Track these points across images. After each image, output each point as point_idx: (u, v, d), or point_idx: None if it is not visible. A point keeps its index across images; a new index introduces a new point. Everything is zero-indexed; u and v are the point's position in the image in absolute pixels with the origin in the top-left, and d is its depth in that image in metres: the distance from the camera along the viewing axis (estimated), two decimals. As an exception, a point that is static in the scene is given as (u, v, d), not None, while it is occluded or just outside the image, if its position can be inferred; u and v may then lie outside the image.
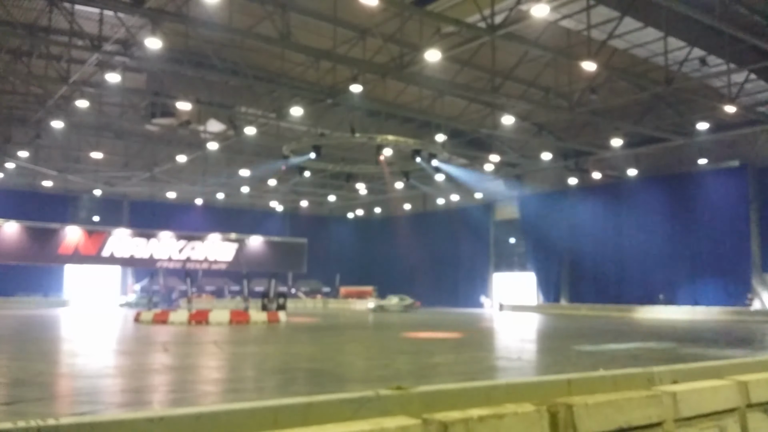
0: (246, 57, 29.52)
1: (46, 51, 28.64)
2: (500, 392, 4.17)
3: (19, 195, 46.21)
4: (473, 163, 44.17)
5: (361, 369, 13.95)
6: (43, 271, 49.46)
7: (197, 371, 13.61)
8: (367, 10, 23.97)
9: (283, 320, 30.51)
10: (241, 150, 41.00)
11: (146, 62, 27.93)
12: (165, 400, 9.89)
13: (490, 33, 22.75)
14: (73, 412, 8.71)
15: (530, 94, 31.63)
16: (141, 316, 29.94)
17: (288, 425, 3.53)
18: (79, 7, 24.31)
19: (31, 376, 11.93)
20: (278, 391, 10.43)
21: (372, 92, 30.60)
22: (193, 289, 48.62)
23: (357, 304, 53.08)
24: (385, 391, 3.93)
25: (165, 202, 52.38)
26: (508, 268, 52.89)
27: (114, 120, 36.99)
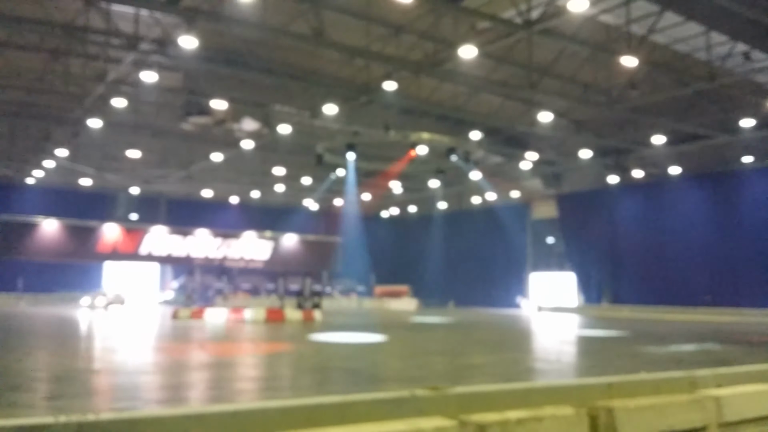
0: (280, 55, 29.65)
1: (83, 51, 29.15)
2: (539, 394, 4.10)
3: (58, 193, 47.21)
4: (509, 160, 43.76)
5: (396, 369, 13.89)
6: (83, 268, 50.50)
7: (233, 368, 13.72)
8: (401, 7, 23.88)
9: (318, 319, 30.64)
10: (276, 148, 41.27)
11: (182, 61, 28.22)
12: (202, 397, 9.97)
13: (527, 29, 22.48)
14: (112, 407, 8.83)
15: (568, 91, 31.18)
16: (178, 313, 30.36)
17: (323, 424, 3.51)
18: (116, 6, 24.68)
19: (71, 372, 12.15)
20: (313, 390, 10.44)
21: (406, 90, 30.48)
22: (230, 287, 49.34)
23: (392, 303, 53.06)
24: (421, 391, 3.88)
25: (201, 201, 53.02)
26: (546, 268, 52.33)
27: (150, 119, 37.51)
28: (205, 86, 30.61)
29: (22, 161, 42.09)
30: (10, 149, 40.75)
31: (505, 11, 23.30)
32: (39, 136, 39.11)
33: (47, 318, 30.16)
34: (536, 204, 52.63)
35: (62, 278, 48.57)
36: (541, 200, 51.59)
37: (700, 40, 25.41)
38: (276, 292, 46.90)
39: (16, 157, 41.68)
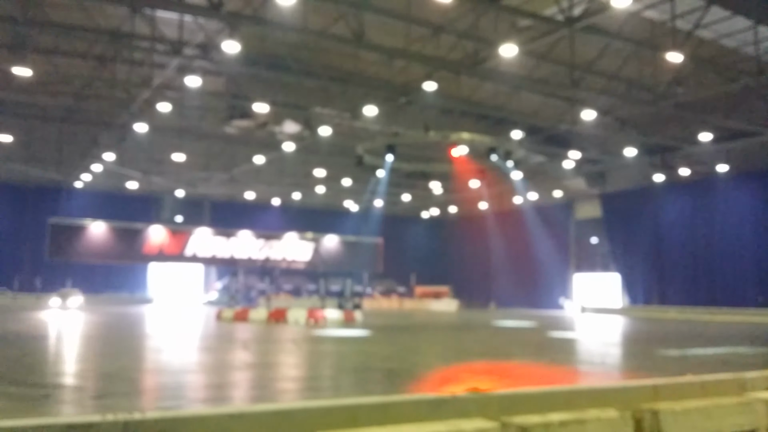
0: (320, 58, 29.88)
1: (129, 57, 29.87)
2: (582, 397, 4.04)
3: (106, 196, 48.36)
4: (552, 160, 43.24)
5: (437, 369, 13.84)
6: (130, 269, 51.63)
7: (276, 368, 13.85)
8: (440, 7, 23.83)
9: (359, 319, 30.73)
10: (316, 150, 41.61)
11: (224, 66, 28.68)
12: (245, 397, 10.10)
13: (569, 26, 22.21)
14: (157, 406, 9.00)
15: (612, 88, 30.68)
16: (222, 313, 30.79)
17: (365, 424, 3.52)
18: (160, 13, 25.23)
19: (118, 371, 12.43)
20: (355, 390, 10.47)
21: (446, 89, 30.39)
22: (272, 288, 49.87)
23: (433, 304, 52.93)
24: (462, 392, 3.86)
25: (244, 202, 53.73)
26: (590, 269, 51.54)
27: (194, 123, 38.20)
28: (247, 90, 31.02)
29: (70, 166, 43.26)
30: (59, 154, 41.95)
31: (546, 8, 23.06)
32: (87, 140, 40.20)
33: (94, 318, 30.94)
34: (579, 203, 51.88)
35: (110, 279, 49.77)
36: (584, 200, 50.83)
37: (748, 35, 24.75)
38: (317, 293, 47.22)
39: (65, 162, 42.86)
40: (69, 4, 24.83)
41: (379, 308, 49.88)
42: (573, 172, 45.52)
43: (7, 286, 44.27)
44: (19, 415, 7.28)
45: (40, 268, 45.63)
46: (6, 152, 41.06)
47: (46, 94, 33.46)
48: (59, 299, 40.66)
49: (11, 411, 8.01)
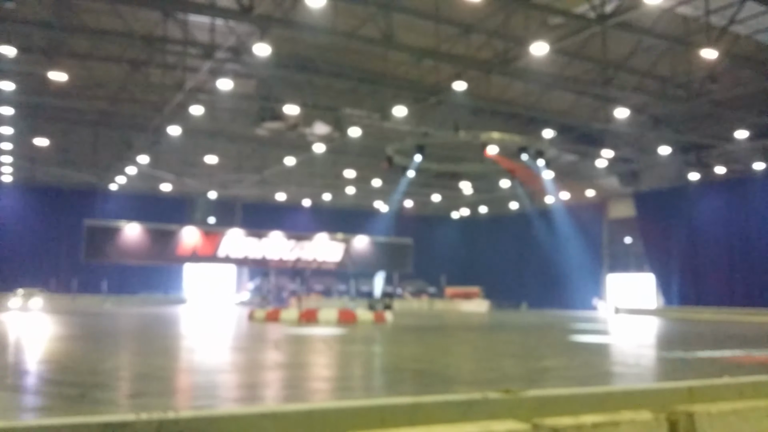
0: (350, 59, 29.98)
1: (162, 60, 30.34)
2: (615, 398, 4.00)
3: (140, 198, 49.12)
4: (584, 159, 42.77)
5: (468, 371, 13.80)
6: (164, 270, 52.38)
7: (307, 369, 13.92)
8: (470, 6, 23.74)
9: (390, 320, 30.77)
10: (346, 151, 41.76)
11: (255, 68, 28.96)
12: (277, 396, 10.17)
13: (600, 23, 21.94)
14: (191, 405, 9.12)
15: (645, 85, 30.25)
16: (254, 313, 31.07)
17: (395, 425, 3.52)
18: (192, 17, 25.57)
19: (153, 371, 12.61)
20: (385, 391, 10.49)
21: (476, 89, 30.26)
22: (303, 288, 50.18)
23: (463, 304, 52.74)
24: (493, 393, 3.85)
25: (275, 204, 54.15)
26: (623, 269, 50.84)
27: (226, 125, 38.63)
28: (277, 92, 31.27)
29: (105, 168, 44.05)
30: (95, 157, 42.76)
31: (578, 6, 22.82)
32: (121, 143, 40.89)
33: (131, 318, 31.45)
34: (612, 203, 51.23)
35: (144, 280, 50.55)
36: (617, 199, 50.18)
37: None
38: (348, 294, 47.41)
39: (100, 165, 43.67)
40: (103, 9, 25.29)
41: (410, 309, 49.83)
42: (606, 171, 44.97)
43: (44, 287, 45.23)
44: (56, 413, 7.44)
45: (76, 269, 46.51)
46: (43, 156, 41.97)
47: (81, 98, 34.13)
48: (19, 300, 38.67)
49: (48, 410, 8.18)
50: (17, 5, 21.90)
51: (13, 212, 46.54)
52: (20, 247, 45.39)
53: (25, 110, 36.14)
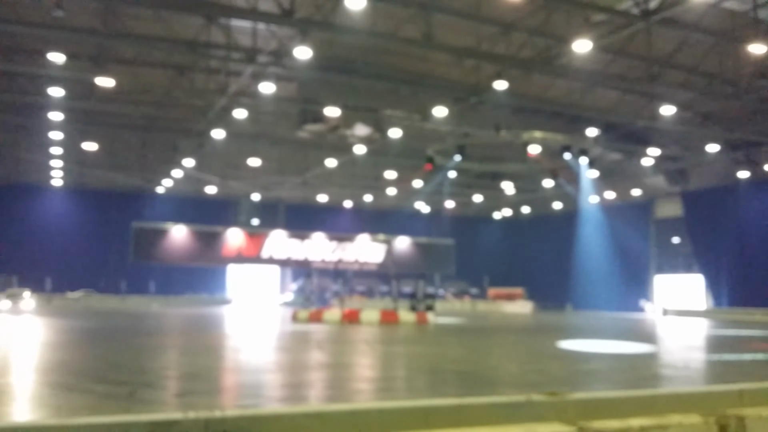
0: (390, 60, 30.01)
1: (206, 65, 30.86)
2: (664, 402, 3.92)
3: (186, 201, 50.03)
4: (629, 157, 41.98)
5: (512, 373, 13.68)
6: (209, 271, 53.25)
7: (350, 369, 13.98)
8: (511, 4, 23.54)
9: (432, 321, 30.71)
10: (387, 152, 41.84)
11: (297, 71, 29.22)
12: (320, 396, 10.25)
13: (645, 19, 21.53)
14: (237, 404, 9.25)
15: (692, 82, 29.55)
16: (297, 314, 31.34)
17: (439, 426, 3.51)
18: (235, 22, 25.94)
19: (199, 370, 12.83)
20: (428, 392, 10.47)
21: (517, 88, 29.98)
22: (345, 289, 50.44)
23: (506, 306, 52.30)
24: (538, 396, 3.81)
25: (317, 205, 54.55)
26: (671, 270, 49.73)
27: (269, 128, 39.07)
28: (318, 94, 31.48)
29: (152, 171, 44.98)
30: (142, 161, 43.75)
31: (621, 2, 22.42)
32: (167, 147, 41.74)
33: (177, 319, 32.06)
34: (659, 202, 50.15)
35: (190, 281, 51.48)
36: (664, 198, 49.10)
37: (840, 22, 23.35)
38: (389, 295, 47.45)
39: (147, 168, 44.62)
40: (148, 15, 25.84)
41: (452, 310, 49.62)
42: (652, 169, 44.06)
43: (93, 288, 46.39)
44: (105, 412, 7.63)
45: (124, 270, 47.60)
46: (92, 160, 43.08)
47: (128, 104, 34.93)
48: (8, 301, 38.33)
49: (98, 408, 8.39)
50: (66, 13, 22.52)
51: (63, 215, 47.87)
52: (71, 249, 46.62)
53: (74, 116, 37.15)
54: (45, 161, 42.85)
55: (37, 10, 23.87)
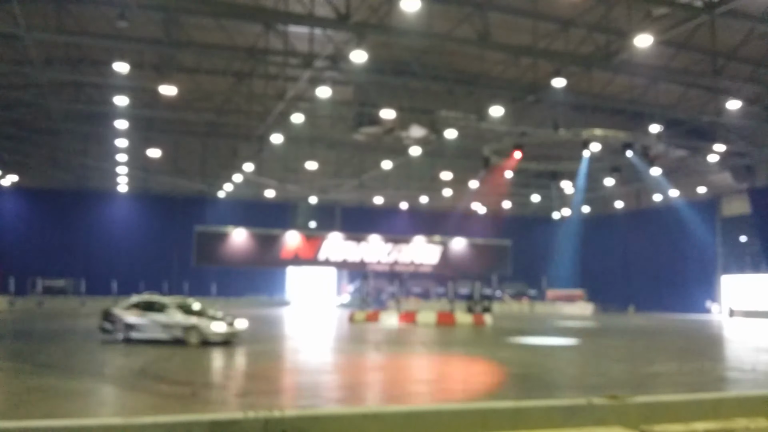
0: (445, 61, 29.91)
1: (264, 71, 31.41)
2: (729, 405, 3.80)
3: (245, 204, 50.93)
4: (694, 154, 40.67)
5: (572, 376, 13.44)
6: (268, 273, 54.09)
7: (407, 370, 13.99)
8: (568, 1, 23.15)
9: (489, 323, 30.44)
10: (443, 153, 41.66)
11: (352, 75, 29.44)
12: (377, 397, 10.29)
13: (709, 11, 20.85)
14: (296, 404, 9.38)
15: (759, 75, 28.43)
16: (354, 315, 31.53)
17: (496, 428, 3.49)
18: (292, 28, 26.33)
19: (259, 371, 13.06)
20: (485, 394, 10.38)
21: (576, 85, 29.44)
22: (401, 291, 50.51)
23: (566, 307, 51.37)
24: (598, 399, 3.74)
25: (372, 207, 54.74)
26: (739, 270, 47.90)
27: (325, 131, 39.49)
28: (374, 97, 31.63)
29: (213, 176, 46.01)
30: (203, 166, 44.83)
31: (683, -5, 21.77)
32: (228, 152, 42.68)
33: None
34: (726, 200, 48.37)
35: (250, 283, 52.38)
36: (731, 195, 47.34)
37: None
38: (446, 296, 47.27)
39: (208, 173, 45.67)
40: (209, 24, 26.48)
41: (510, 311, 49.06)
42: (718, 166, 42.56)
43: (158, 291, 47.75)
44: (169, 411, 7.84)
45: (187, 273, 48.78)
46: (155, 166, 44.38)
47: (190, 111, 35.85)
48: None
49: (162, 408, 8.64)
50: (130, 24, 23.30)
51: (128, 220, 49.38)
52: (136, 253, 48.02)
53: (138, 123, 38.41)
54: (111, 168, 44.37)
55: (102, 22, 24.77)
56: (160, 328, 17.91)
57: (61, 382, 11.05)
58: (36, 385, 10.52)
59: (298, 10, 23.10)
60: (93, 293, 43.65)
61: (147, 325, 18.00)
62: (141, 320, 18.05)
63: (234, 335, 18.21)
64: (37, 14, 24.01)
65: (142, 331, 18.01)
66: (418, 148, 36.53)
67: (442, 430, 3.48)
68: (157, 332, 17.93)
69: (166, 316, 18.01)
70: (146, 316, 18.09)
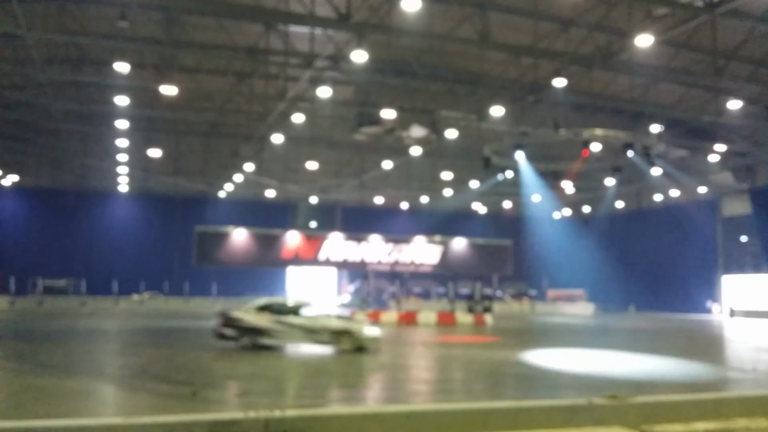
0: (446, 61, 29.91)
1: (265, 71, 31.42)
2: (730, 405, 3.80)
3: (246, 204, 50.93)
4: (695, 154, 40.64)
5: (572, 375, 13.43)
6: (268, 273, 54.07)
7: (408, 370, 13.99)
8: (569, 1, 23.15)
9: (489, 323, 30.43)
10: (443, 153, 41.64)
11: (353, 75, 29.45)
12: (378, 397, 10.28)
13: (709, 11, 20.84)
14: (296, 405, 9.37)
15: (759, 75, 28.43)
16: (355, 315, 31.52)
17: (497, 428, 3.48)
18: (292, 28, 26.34)
19: (260, 371, 13.05)
20: (486, 394, 10.37)
21: (577, 85, 29.44)
22: (402, 291, 50.50)
23: (566, 307, 51.35)
24: (599, 399, 3.74)
25: (373, 207, 54.74)
26: (739, 270, 47.87)
27: (326, 131, 39.50)
28: (374, 97, 31.65)
29: (214, 176, 46.02)
30: (204, 166, 44.84)
31: (683, -6, 21.77)
32: (228, 152, 42.67)
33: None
34: (727, 200, 48.36)
35: (250, 283, 52.34)
36: (732, 195, 47.33)
37: None
38: (446, 296, 47.26)
39: (209, 173, 45.68)
40: (209, 24, 26.50)
41: (510, 312, 49.03)
42: (719, 166, 42.56)
43: (158, 290, 47.72)
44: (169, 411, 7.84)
45: (188, 273, 48.78)
46: (156, 166, 44.40)
47: (190, 111, 35.87)
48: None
49: (163, 407, 8.64)
50: (130, 24, 23.32)
51: (129, 220, 49.38)
52: (137, 252, 48.03)
53: (138, 123, 38.42)
54: (111, 168, 44.38)
55: (103, 22, 24.80)
56: (300, 333, 16.35)
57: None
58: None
59: (298, 10, 23.11)
60: (93, 293, 43.68)
61: (281, 331, 16.35)
62: (273, 325, 16.38)
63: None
64: (37, 14, 24.03)
65: (275, 337, 16.44)
66: (419, 148, 36.52)
67: (443, 430, 3.47)
68: (295, 337, 16.44)
69: (308, 319, 16.57)
70: (280, 320, 16.43)
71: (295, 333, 16.30)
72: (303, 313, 16.72)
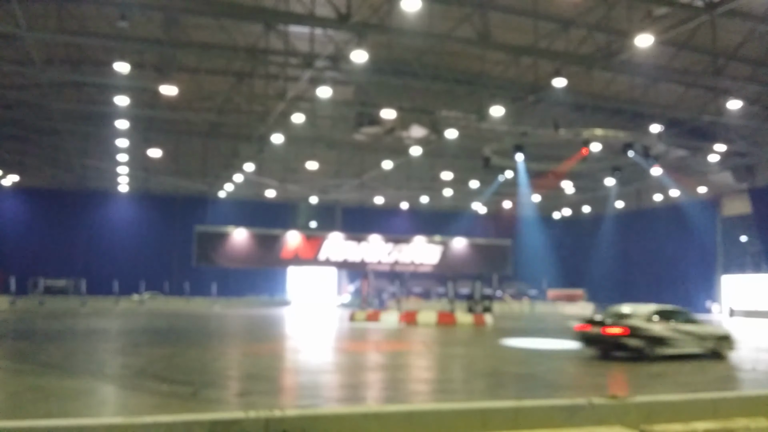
0: (446, 61, 29.89)
1: (265, 71, 31.40)
2: (730, 405, 3.82)
3: (246, 204, 50.97)
4: (694, 154, 40.64)
5: (572, 375, 13.45)
6: (269, 273, 54.09)
7: (408, 370, 14.00)
8: (569, 0, 23.15)
9: (489, 323, 30.44)
10: (443, 153, 41.63)
11: (353, 75, 29.43)
12: (378, 397, 10.29)
13: (709, 11, 20.83)
14: (296, 404, 9.38)
15: (760, 75, 28.42)
16: (355, 315, 31.54)
17: (497, 428, 3.49)
18: (293, 28, 26.34)
19: (260, 371, 13.07)
20: (486, 394, 10.39)
21: (577, 85, 29.41)
22: (402, 291, 50.54)
23: (566, 307, 51.37)
24: (599, 399, 3.75)
25: (373, 207, 54.75)
26: (739, 270, 47.87)
27: (326, 131, 39.47)
28: (374, 97, 31.63)
29: (214, 177, 46.02)
30: (204, 166, 44.82)
31: (683, -6, 21.77)
32: (229, 153, 42.66)
33: (240, 320, 32.70)
34: (726, 200, 48.36)
35: (251, 283, 52.39)
36: (732, 195, 47.33)
37: None
38: (446, 296, 47.29)
39: (209, 173, 45.68)
40: (209, 24, 26.48)
41: (510, 312, 49.03)
42: (719, 166, 42.55)
43: (159, 290, 47.73)
44: (169, 411, 7.85)
45: (188, 273, 48.80)
46: (156, 166, 44.37)
47: (190, 111, 35.82)
48: None
49: (163, 407, 8.64)
50: (130, 24, 23.29)
51: (129, 220, 49.36)
52: (137, 253, 48.03)
53: (138, 123, 38.40)
54: (111, 168, 44.37)
55: (103, 22, 24.78)
56: (695, 342, 15.73)
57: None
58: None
59: (298, 10, 23.10)
60: (93, 293, 43.70)
61: (679, 339, 15.56)
62: (672, 333, 15.57)
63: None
64: (37, 14, 24.03)
65: (673, 346, 15.53)
66: (419, 148, 36.52)
67: (443, 429, 3.48)
68: (690, 346, 15.72)
69: (699, 326, 16.04)
70: (677, 328, 15.70)
71: (690, 341, 15.78)
72: (691, 319, 16.35)
